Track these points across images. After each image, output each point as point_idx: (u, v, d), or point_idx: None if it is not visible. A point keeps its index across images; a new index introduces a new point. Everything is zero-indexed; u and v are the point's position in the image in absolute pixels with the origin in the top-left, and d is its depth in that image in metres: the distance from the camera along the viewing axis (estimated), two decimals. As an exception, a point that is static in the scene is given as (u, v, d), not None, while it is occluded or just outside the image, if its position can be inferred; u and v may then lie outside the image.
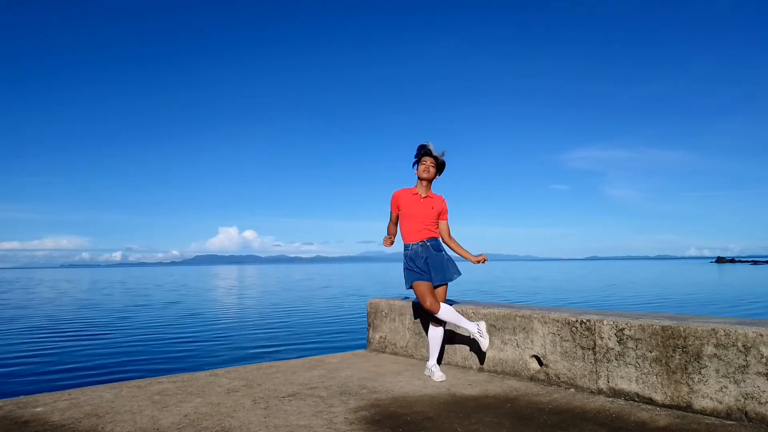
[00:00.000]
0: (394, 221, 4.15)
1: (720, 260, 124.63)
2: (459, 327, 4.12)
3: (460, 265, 4.11)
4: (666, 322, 3.17)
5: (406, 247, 4.05)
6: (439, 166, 4.05)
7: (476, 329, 3.91)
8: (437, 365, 4.03)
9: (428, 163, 3.99)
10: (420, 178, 4.03)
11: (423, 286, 3.91)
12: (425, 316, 4.59)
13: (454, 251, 4.11)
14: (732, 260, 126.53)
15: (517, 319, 3.96)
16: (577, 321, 3.58)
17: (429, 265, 3.95)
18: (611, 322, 3.39)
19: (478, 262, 4.01)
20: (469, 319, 4.28)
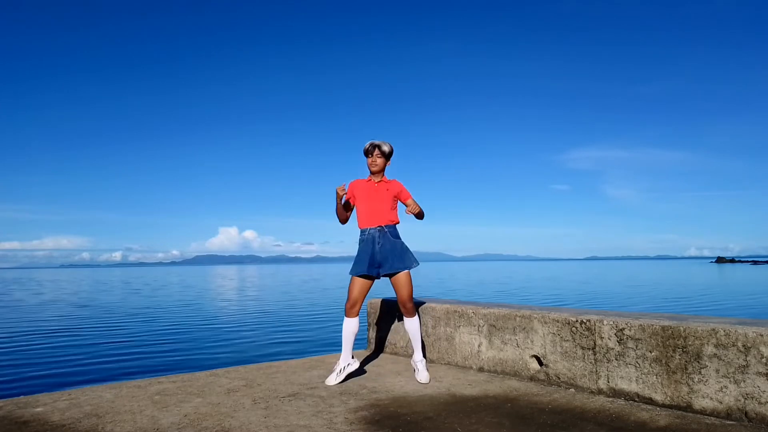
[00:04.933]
0: (344, 205, 4.04)
1: (720, 260, 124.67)
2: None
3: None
4: (666, 322, 3.17)
5: (361, 232, 3.96)
6: (386, 155, 4.02)
7: (341, 365, 3.88)
8: (423, 360, 3.97)
9: (374, 155, 3.97)
10: (371, 172, 4.02)
11: (358, 284, 3.86)
12: (422, 315, 4.60)
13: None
14: (732, 260, 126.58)
15: (517, 319, 3.96)
16: (577, 321, 3.58)
17: (386, 252, 3.86)
18: (611, 322, 3.39)
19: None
20: (469, 319, 4.28)
